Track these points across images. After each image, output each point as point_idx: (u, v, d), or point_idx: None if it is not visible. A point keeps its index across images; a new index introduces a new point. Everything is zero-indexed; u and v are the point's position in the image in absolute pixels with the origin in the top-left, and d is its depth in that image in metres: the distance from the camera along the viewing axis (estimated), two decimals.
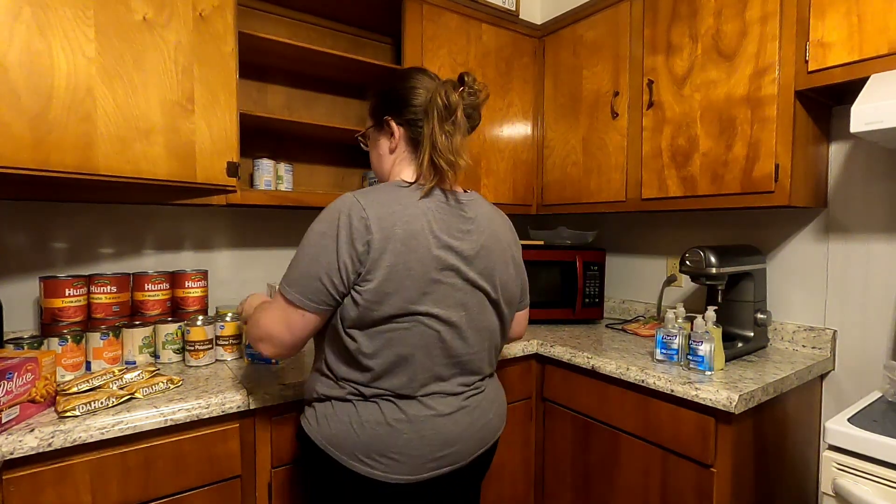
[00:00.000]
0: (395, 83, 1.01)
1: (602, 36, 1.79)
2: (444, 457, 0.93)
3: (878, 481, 0.93)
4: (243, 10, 1.64)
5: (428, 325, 0.90)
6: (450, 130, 0.93)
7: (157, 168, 1.19)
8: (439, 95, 0.93)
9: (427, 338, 0.90)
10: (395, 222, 0.87)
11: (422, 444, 0.90)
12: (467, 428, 0.96)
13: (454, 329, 0.93)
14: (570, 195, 1.93)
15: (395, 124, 1.00)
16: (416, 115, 0.97)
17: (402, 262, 0.87)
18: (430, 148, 0.92)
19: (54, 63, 1.04)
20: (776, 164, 1.32)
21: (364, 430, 0.89)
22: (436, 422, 0.92)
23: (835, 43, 1.20)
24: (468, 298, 0.95)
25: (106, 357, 1.26)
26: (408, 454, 0.89)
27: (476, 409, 0.98)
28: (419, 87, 0.98)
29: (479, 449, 0.99)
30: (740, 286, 1.52)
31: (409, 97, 0.98)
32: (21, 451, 0.88)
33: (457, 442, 0.94)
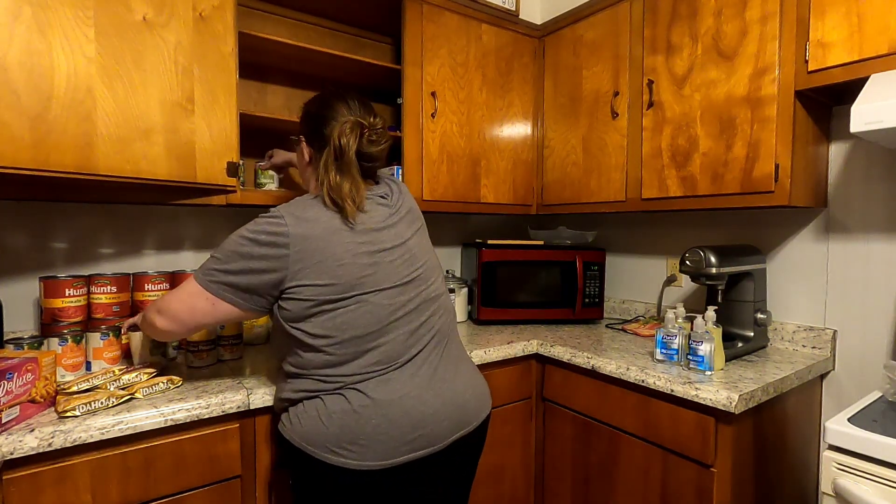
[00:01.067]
0: (315, 107, 1.09)
1: (602, 36, 1.79)
2: (415, 439, 0.93)
3: (878, 481, 0.93)
4: (243, 10, 1.64)
5: (373, 302, 0.95)
6: (343, 169, 1.00)
7: (157, 168, 1.19)
8: (335, 134, 1.00)
9: (375, 314, 0.95)
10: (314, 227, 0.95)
11: (390, 427, 0.92)
12: (439, 408, 0.97)
13: (401, 302, 0.99)
14: (570, 195, 1.93)
15: (305, 145, 1.10)
16: (322, 143, 1.04)
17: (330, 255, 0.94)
18: (327, 184, 0.99)
19: (54, 63, 1.04)
20: (776, 164, 1.32)
21: (332, 420, 0.92)
22: (403, 403, 0.94)
23: (835, 43, 1.20)
24: (409, 271, 1.02)
25: (106, 357, 1.26)
26: (377, 439, 0.91)
27: (447, 390, 1.00)
28: (331, 117, 1.04)
29: (456, 432, 1.00)
30: (740, 286, 1.52)
31: (321, 127, 1.05)
32: (21, 451, 0.88)
33: (428, 423, 0.95)
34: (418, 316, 1.01)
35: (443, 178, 1.79)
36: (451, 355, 1.06)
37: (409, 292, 1.01)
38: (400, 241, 1.03)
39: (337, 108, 1.05)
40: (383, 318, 0.96)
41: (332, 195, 0.98)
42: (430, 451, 0.95)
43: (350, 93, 1.10)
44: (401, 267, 1.01)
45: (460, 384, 1.03)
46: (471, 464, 1.09)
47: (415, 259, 1.05)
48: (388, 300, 0.97)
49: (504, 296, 1.87)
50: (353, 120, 1.02)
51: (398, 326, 0.98)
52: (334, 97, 1.08)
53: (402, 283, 1.00)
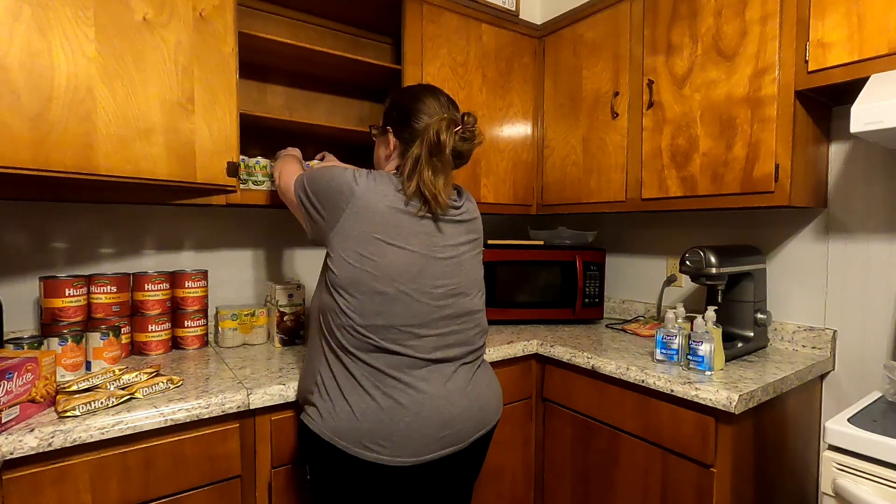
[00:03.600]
0: (405, 100, 1.09)
1: (602, 36, 1.79)
2: (444, 437, 0.97)
3: (878, 481, 0.93)
4: (243, 10, 1.64)
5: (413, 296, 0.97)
6: (437, 166, 1.00)
7: (157, 168, 1.19)
8: (433, 129, 1.00)
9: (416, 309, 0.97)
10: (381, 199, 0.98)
11: (423, 426, 0.95)
12: (466, 409, 1.01)
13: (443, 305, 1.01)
14: (570, 195, 1.93)
15: (393, 137, 1.10)
16: (412, 136, 1.05)
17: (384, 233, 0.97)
18: (418, 177, 1.00)
19: (54, 63, 1.04)
20: (776, 164, 1.32)
21: (366, 416, 0.94)
22: (434, 402, 0.97)
23: (835, 43, 1.20)
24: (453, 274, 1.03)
25: (106, 357, 1.26)
26: (409, 436, 0.94)
27: (472, 391, 1.04)
28: (423, 111, 1.05)
29: (478, 431, 1.04)
30: (740, 286, 1.52)
31: (411, 119, 1.05)
32: (21, 451, 0.88)
33: (456, 422, 0.99)
34: (457, 322, 1.03)
35: None
36: (477, 362, 1.10)
37: (451, 297, 1.02)
38: (454, 243, 1.05)
39: (428, 102, 1.06)
40: (424, 315, 0.98)
41: (424, 189, 0.99)
42: (455, 449, 1.00)
43: (438, 89, 1.11)
44: (450, 271, 1.03)
45: (483, 386, 1.07)
46: (482, 459, 1.14)
47: (462, 268, 1.06)
48: (431, 300, 0.99)
49: (504, 296, 1.87)
50: (448, 117, 1.02)
51: (437, 327, 1.00)
52: (426, 91, 1.09)
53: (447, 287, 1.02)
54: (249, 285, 1.76)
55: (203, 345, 1.54)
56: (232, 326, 1.55)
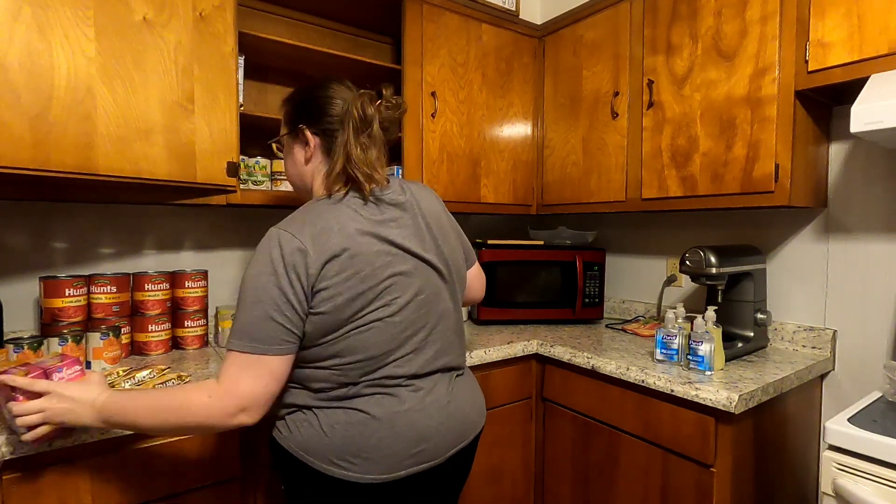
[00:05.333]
0: (312, 91, 1.00)
1: (602, 36, 1.79)
2: (419, 453, 0.90)
3: (878, 481, 0.93)
4: (243, 10, 1.64)
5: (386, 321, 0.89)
6: (365, 143, 0.94)
7: (157, 168, 1.19)
8: (356, 107, 0.93)
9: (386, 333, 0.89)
10: (330, 236, 0.86)
11: (395, 441, 0.88)
12: (443, 421, 0.94)
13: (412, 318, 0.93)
14: (570, 195, 1.93)
15: (310, 133, 0.98)
16: (331, 124, 0.96)
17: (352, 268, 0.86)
18: (345, 159, 0.93)
19: (54, 63, 1.04)
20: (776, 164, 1.32)
21: (335, 432, 0.87)
22: (409, 416, 0.91)
23: (835, 43, 1.20)
24: (422, 284, 0.95)
25: (106, 357, 1.26)
26: (381, 452, 0.87)
27: (450, 403, 0.97)
28: (336, 96, 0.97)
29: (457, 444, 0.97)
30: (740, 286, 1.52)
31: (326, 106, 0.97)
32: (21, 451, 0.88)
33: (432, 437, 0.92)
34: (430, 332, 0.96)
35: (443, 178, 1.79)
36: (455, 370, 1.03)
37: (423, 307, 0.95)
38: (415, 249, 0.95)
39: (336, 87, 0.99)
40: (396, 335, 0.91)
41: (355, 169, 0.91)
42: (431, 465, 0.93)
43: (339, 75, 1.04)
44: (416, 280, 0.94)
45: (462, 397, 1.01)
46: (465, 473, 1.08)
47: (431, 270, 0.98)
48: (401, 317, 0.91)
49: (504, 296, 1.87)
50: (366, 93, 0.96)
51: (409, 344, 0.93)
52: (328, 79, 1.02)
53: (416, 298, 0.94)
54: None
55: (203, 345, 1.54)
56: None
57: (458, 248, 1.07)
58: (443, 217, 1.06)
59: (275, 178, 1.61)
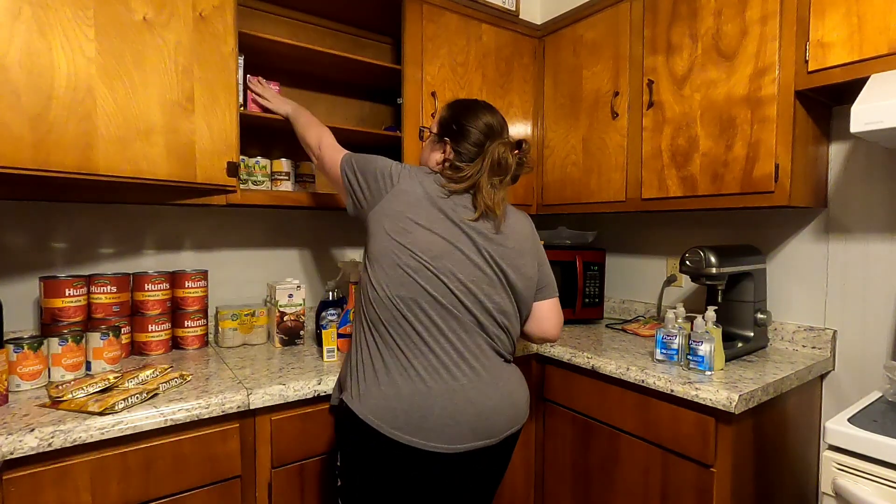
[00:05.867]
0: (463, 116, 1.15)
1: (602, 36, 1.79)
2: (478, 428, 0.98)
3: (878, 481, 0.93)
4: (243, 10, 1.64)
5: (436, 273, 1.00)
6: (495, 183, 1.09)
7: (157, 168, 1.19)
8: (498, 152, 1.08)
9: (435, 284, 1.00)
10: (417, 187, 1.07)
11: (457, 413, 0.96)
12: (498, 403, 1.02)
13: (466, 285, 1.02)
14: (570, 195, 1.93)
15: (450, 147, 1.15)
16: (467, 151, 1.12)
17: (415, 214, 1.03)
18: (477, 190, 1.07)
19: (54, 63, 1.04)
20: (776, 164, 1.32)
21: (401, 398, 0.95)
22: (467, 392, 0.98)
23: (835, 43, 1.20)
24: (484, 273, 1.04)
25: (106, 357, 1.26)
26: (444, 423, 0.95)
27: (504, 387, 1.05)
28: (478, 130, 1.13)
29: (510, 427, 1.05)
30: (740, 286, 1.52)
31: (468, 135, 1.13)
32: (21, 451, 0.88)
33: (490, 415, 1.00)
34: (485, 315, 1.04)
35: None
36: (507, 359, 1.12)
37: (477, 287, 1.04)
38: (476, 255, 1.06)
39: (485, 118, 1.14)
40: (448, 294, 1.00)
41: (482, 200, 1.06)
42: (489, 443, 1.01)
43: (494, 108, 1.18)
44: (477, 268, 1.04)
45: (515, 383, 1.09)
46: (509, 459, 1.14)
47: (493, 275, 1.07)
48: (456, 283, 1.01)
49: None
50: (510, 142, 1.11)
51: (465, 312, 1.02)
52: (481, 109, 1.16)
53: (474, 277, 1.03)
54: (249, 285, 1.76)
55: (203, 345, 1.54)
56: (232, 326, 1.55)
57: (530, 269, 1.14)
58: (528, 241, 1.16)
59: (275, 179, 1.61)
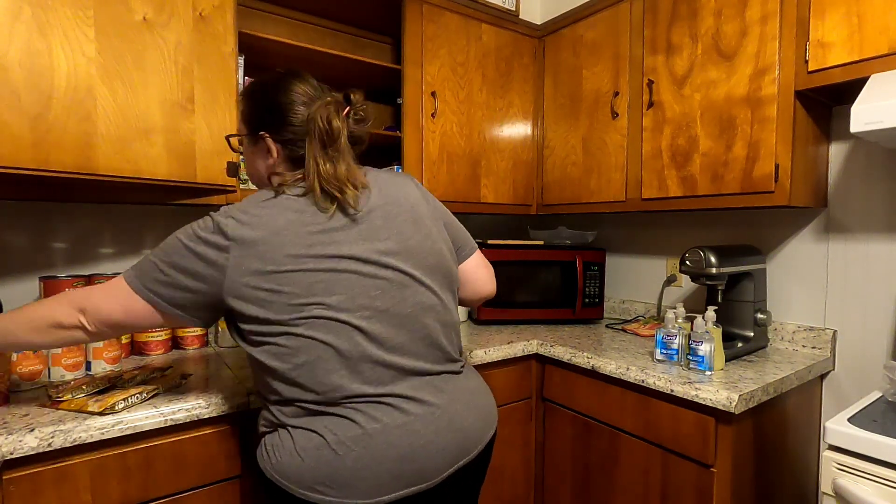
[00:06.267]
0: (273, 94, 0.91)
1: (602, 36, 1.79)
2: (405, 474, 0.81)
3: (878, 481, 0.93)
4: (243, 10, 1.64)
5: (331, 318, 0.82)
6: (334, 156, 0.87)
7: (157, 168, 1.19)
8: (321, 118, 0.86)
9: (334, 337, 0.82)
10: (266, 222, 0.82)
11: (373, 462, 0.80)
12: (432, 439, 0.84)
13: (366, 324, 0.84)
14: (570, 195, 1.93)
15: (271, 142, 0.92)
16: (295, 134, 0.89)
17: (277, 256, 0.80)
18: (317, 176, 0.85)
19: (54, 63, 1.04)
20: (776, 164, 1.32)
21: (308, 454, 0.81)
22: (387, 434, 0.81)
23: (835, 43, 1.20)
24: (377, 284, 0.85)
25: (106, 357, 1.26)
26: (359, 475, 0.80)
27: (441, 416, 0.86)
28: (298, 102, 0.90)
29: (455, 462, 0.87)
30: (740, 286, 1.52)
31: (288, 114, 0.90)
32: (21, 451, 0.88)
33: (419, 456, 0.82)
34: (411, 328, 0.88)
35: (443, 178, 1.79)
36: (446, 373, 0.92)
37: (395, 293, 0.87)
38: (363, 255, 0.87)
39: (298, 88, 0.91)
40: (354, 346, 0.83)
41: (326, 185, 0.85)
42: (423, 487, 0.83)
43: (303, 71, 0.95)
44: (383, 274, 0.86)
45: (459, 406, 0.89)
46: (473, 492, 0.97)
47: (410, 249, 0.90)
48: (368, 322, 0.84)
49: (504, 296, 1.87)
50: (333, 100, 0.88)
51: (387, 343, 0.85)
52: (292, 77, 0.92)
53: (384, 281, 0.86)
54: None
55: (203, 345, 1.54)
56: None
57: (438, 240, 0.96)
58: (420, 207, 0.96)
59: None
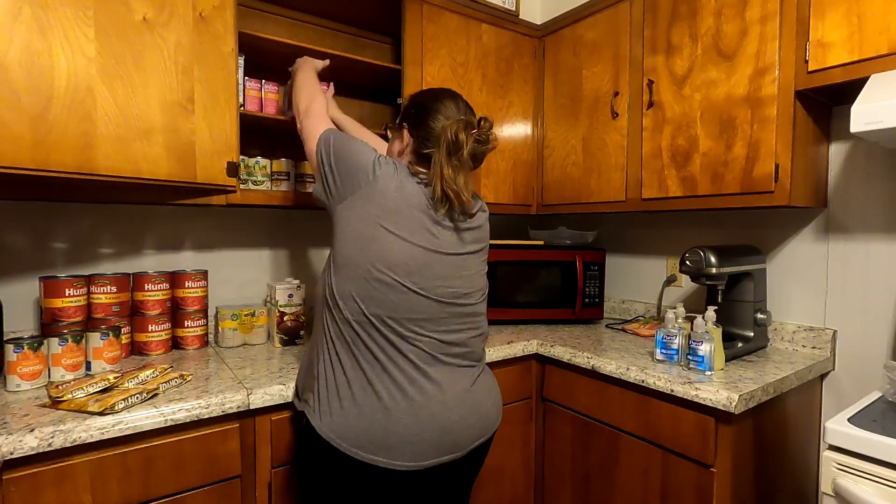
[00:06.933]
0: (425, 99, 1.10)
1: (602, 36, 1.79)
2: (442, 444, 0.97)
3: (878, 481, 0.93)
4: (243, 10, 1.64)
5: (412, 289, 0.97)
6: (456, 165, 1.01)
7: (157, 168, 1.19)
8: (451, 130, 1.01)
9: (411, 300, 0.97)
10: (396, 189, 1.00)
11: (421, 429, 0.94)
12: (465, 415, 1.00)
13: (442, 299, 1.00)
14: (570, 195, 1.93)
15: (407, 133, 1.10)
16: (427, 135, 1.06)
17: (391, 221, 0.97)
18: (440, 177, 1.00)
19: (54, 63, 1.04)
20: (776, 164, 1.32)
21: (363, 415, 0.93)
22: (431, 407, 0.96)
23: (835, 43, 1.20)
24: (457, 275, 1.03)
25: (106, 357, 1.26)
26: (407, 440, 0.93)
27: (470, 398, 1.02)
28: (440, 113, 1.06)
29: (478, 439, 1.04)
30: (740, 286, 1.52)
31: (428, 118, 1.07)
32: (21, 451, 0.88)
33: (454, 429, 0.98)
34: (457, 324, 1.03)
35: None
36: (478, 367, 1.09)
37: (453, 298, 1.02)
38: (462, 248, 1.05)
39: (447, 104, 1.08)
40: (422, 311, 0.98)
41: (446, 187, 1.00)
42: (454, 457, 0.99)
43: (459, 95, 1.13)
44: (454, 272, 1.03)
45: (483, 393, 1.06)
46: (480, 466, 1.14)
47: (466, 270, 1.06)
48: (433, 297, 0.99)
49: (504, 296, 1.87)
50: (465, 119, 1.04)
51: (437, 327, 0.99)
52: (446, 94, 1.11)
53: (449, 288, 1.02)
54: (249, 285, 1.76)
55: (203, 345, 1.54)
56: (232, 326, 1.55)
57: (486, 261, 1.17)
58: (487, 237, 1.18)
59: (275, 179, 1.61)
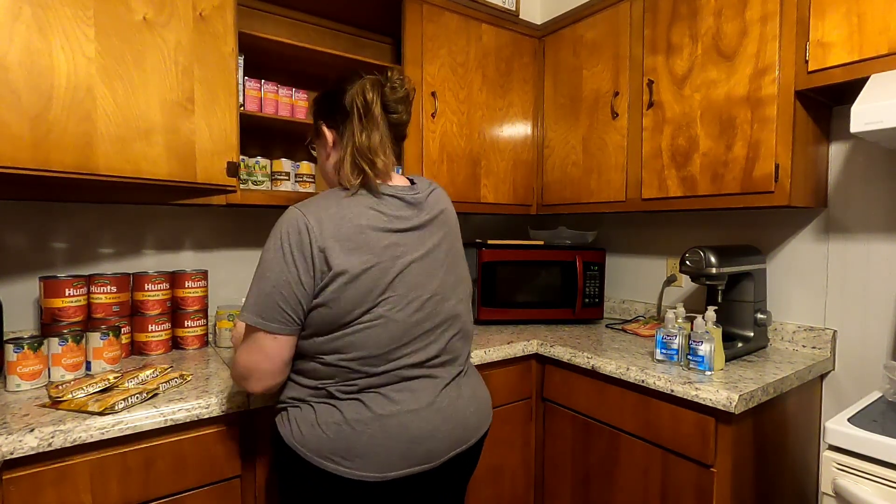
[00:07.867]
0: (330, 87, 1.01)
1: (602, 36, 1.79)
2: (412, 454, 0.90)
3: (878, 481, 0.93)
4: (243, 10, 1.64)
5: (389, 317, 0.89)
6: (368, 128, 0.93)
7: (157, 168, 1.19)
8: (357, 94, 0.93)
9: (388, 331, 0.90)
10: (339, 223, 0.88)
11: (387, 440, 0.88)
12: (439, 425, 0.93)
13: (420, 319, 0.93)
14: (570, 195, 1.93)
15: (325, 129, 0.99)
16: (342, 115, 0.96)
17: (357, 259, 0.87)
18: (351, 147, 0.92)
19: (54, 63, 1.04)
20: (776, 164, 1.32)
21: (329, 428, 0.88)
22: (401, 418, 0.90)
23: (835, 43, 1.20)
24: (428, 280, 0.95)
25: (106, 357, 1.26)
26: (373, 451, 0.88)
27: (448, 407, 0.95)
28: (348, 88, 0.96)
29: (455, 448, 0.96)
30: (740, 286, 1.52)
31: (338, 98, 0.96)
32: (21, 451, 0.88)
33: (425, 440, 0.91)
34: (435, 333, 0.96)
35: (443, 179, 1.79)
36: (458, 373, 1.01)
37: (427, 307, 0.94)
38: (426, 248, 0.96)
39: (351, 79, 0.98)
40: (398, 336, 0.91)
41: (359, 156, 0.91)
42: (426, 468, 0.92)
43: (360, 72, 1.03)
44: (424, 279, 0.94)
45: (463, 402, 0.99)
46: (466, 477, 1.07)
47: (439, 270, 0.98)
48: (407, 317, 0.91)
49: (504, 296, 1.87)
50: (372, 78, 0.95)
51: (412, 345, 0.93)
52: (351, 75, 1.01)
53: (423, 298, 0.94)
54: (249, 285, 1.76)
55: (203, 345, 1.54)
56: (230, 327, 1.55)
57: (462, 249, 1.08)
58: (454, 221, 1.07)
59: (275, 178, 1.61)
